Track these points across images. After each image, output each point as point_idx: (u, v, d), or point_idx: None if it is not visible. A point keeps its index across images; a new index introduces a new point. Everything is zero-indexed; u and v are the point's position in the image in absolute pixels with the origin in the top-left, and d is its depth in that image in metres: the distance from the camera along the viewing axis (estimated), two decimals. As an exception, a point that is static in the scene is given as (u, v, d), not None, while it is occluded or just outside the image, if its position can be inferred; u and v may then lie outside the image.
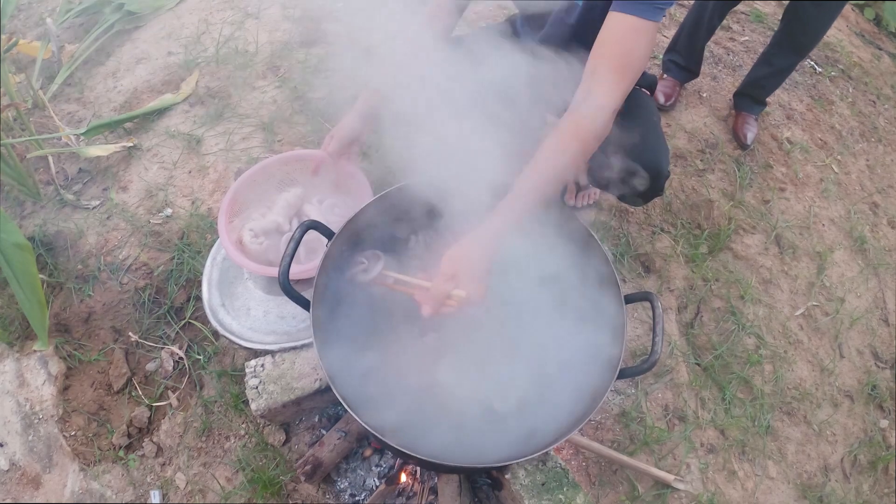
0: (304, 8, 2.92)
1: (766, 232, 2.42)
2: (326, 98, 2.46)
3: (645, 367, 1.22)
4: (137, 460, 1.71)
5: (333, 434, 1.62)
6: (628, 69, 1.21)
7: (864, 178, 2.78)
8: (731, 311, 2.17)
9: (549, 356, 1.37)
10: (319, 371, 1.61)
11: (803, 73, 3.12)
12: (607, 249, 2.18)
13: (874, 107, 3.14)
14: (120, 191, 2.21)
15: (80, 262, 2.03)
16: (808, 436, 2.01)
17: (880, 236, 2.58)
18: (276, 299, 1.74)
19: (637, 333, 2.04)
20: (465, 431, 1.30)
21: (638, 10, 1.19)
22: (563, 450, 1.78)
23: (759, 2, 3.42)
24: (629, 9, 1.19)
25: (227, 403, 1.79)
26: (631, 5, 1.19)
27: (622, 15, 1.20)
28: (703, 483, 1.81)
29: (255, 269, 1.53)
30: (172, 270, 2.00)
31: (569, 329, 1.36)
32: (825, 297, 2.32)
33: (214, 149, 2.32)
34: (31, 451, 1.69)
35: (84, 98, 2.56)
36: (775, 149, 2.71)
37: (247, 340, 1.67)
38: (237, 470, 1.69)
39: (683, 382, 1.99)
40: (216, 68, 2.62)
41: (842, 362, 2.19)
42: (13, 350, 1.85)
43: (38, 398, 1.77)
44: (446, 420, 1.31)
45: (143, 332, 1.91)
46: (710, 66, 3.00)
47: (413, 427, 1.26)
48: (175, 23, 2.85)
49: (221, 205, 1.62)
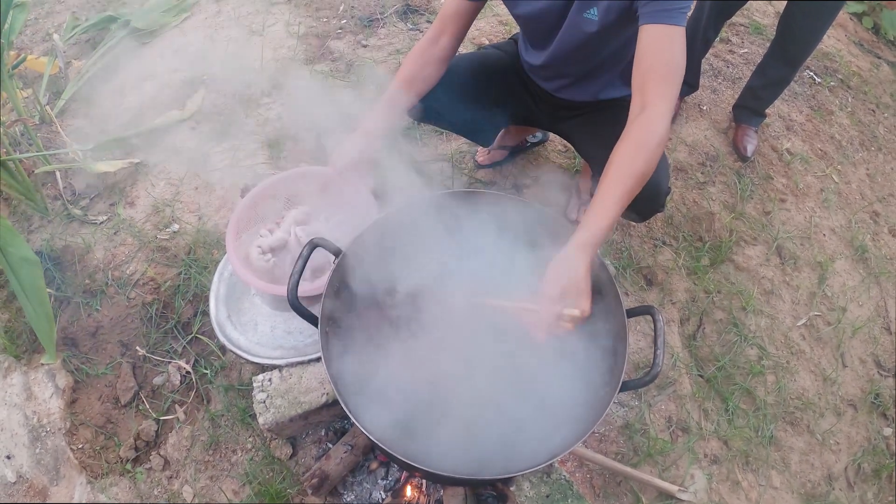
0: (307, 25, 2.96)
1: (768, 243, 2.44)
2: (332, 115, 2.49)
3: (647, 379, 1.23)
4: (145, 473, 1.73)
5: (340, 447, 1.63)
6: (673, 75, 1.28)
7: (865, 187, 2.80)
8: (734, 323, 2.18)
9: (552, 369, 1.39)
10: (326, 385, 1.62)
11: (802, 84, 3.14)
12: (609, 263, 2.20)
13: (874, 115, 3.16)
14: (127, 206, 2.24)
15: (88, 277, 2.05)
16: (812, 445, 2.01)
17: (881, 245, 2.59)
18: (283, 314, 1.76)
19: (640, 346, 2.05)
20: (471, 444, 1.31)
21: (666, 18, 1.26)
22: (568, 462, 1.79)
23: (756, 15, 3.45)
24: (658, 18, 1.27)
25: (235, 417, 1.80)
26: (658, 15, 1.27)
27: (653, 26, 1.27)
28: (707, 494, 1.82)
29: (263, 287, 1.54)
30: (179, 285, 2.02)
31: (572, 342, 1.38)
32: (827, 306, 2.33)
33: (220, 165, 2.34)
34: (38, 464, 1.71)
35: (91, 114, 2.58)
36: (775, 160, 2.73)
37: (254, 355, 1.69)
38: (244, 483, 1.70)
39: (686, 394, 2.00)
40: (221, 85, 2.65)
41: (844, 371, 2.20)
42: (21, 363, 1.86)
43: (45, 411, 1.78)
44: (452, 433, 1.32)
45: (150, 346, 1.93)
46: (710, 78, 3.03)
47: (419, 440, 1.27)
48: (181, 40, 2.88)
49: (229, 221, 1.64)
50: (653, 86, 1.26)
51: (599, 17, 1.42)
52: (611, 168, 1.23)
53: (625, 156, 1.23)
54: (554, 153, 2.56)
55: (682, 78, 1.31)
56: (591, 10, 1.42)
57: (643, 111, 1.26)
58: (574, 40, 1.51)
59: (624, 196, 1.22)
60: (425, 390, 1.38)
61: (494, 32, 3.00)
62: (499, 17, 3.08)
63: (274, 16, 3.01)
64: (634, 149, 1.23)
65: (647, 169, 1.23)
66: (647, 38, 1.28)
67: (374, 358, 1.40)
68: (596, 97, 1.76)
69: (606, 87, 1.73)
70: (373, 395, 1.33)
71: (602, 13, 1.41)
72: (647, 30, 1.28)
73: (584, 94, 1.76)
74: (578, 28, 1.47)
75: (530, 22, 1.61)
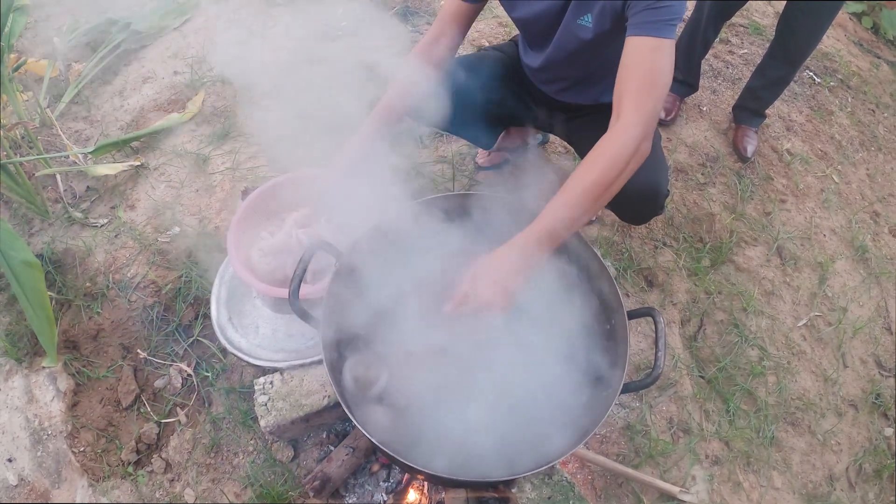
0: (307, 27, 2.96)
1: (768, 244, 2.44)
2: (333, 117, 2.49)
3: (648, 380, 1.24)
4: (146, 476, 1.73)
5: (342, 450, 1.64)
6: (652, 86, 1.25)
7: (865, 187, 2.80)
8: (734, 324, 2.19)
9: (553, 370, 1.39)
10: (328, 388, 1.62)
11: (802, 84, 3.14)
12: (610, 264, 2.20)
13: (873, 115, 3.16)
14: (128, 209, 2.24)
15: (89, 280, 2.05)
16: (813, 446, 2.01)
17: (882, 245, 2.60)
18: (285, 317, 1.76)
19: (641, 347, 2.05)
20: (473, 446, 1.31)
21: (652, 31, 1.24)
22: (569, 463, 1.79)
23: (756, 15, 3.45)
24: (643, 30, 1.25)
25: (236, 420, 1.80)
26: (644, 27, 1.25)
27: (639, 38, 1.25)
28: (708, 495, 1.82)
29: (264, 289, 1.55)
30: (181, 288, 2.02)
31: (573, 344, 1.38)
32: (828, 307, 2.33)
33: (221, 168, 2.35)
34: (39, 467, 1.71)
35: (91, 117, 2.59)
36: (776, 161, 2.73)
37: (255, 358, 1.69)
38: (246, 486, 1.71)
39: (688, 395, 2.00)
40: (222, 87, 2.65)
41: (845, 372, 2.20)
42: (22, 366, 1.86)
43: (46, 414, 1.79)
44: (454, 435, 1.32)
45: (151, 349, 1.93)
46: (710, 79, 3.03)
47: (421, 442, 1.27)
48: (181, 42, 2.89)
49: (230, 224, 1.64)
50: (629, 98, 1.25)
51: (594, 24, 1.42)
52: (570, 177, 1.23)
53: (583, 166, 1.22)
54: (555, 155, 2.56)
55: (665, 92, 1.28)
56: (585, 16, 1.42)
57: (615, 123, 1.25)
58: (569, 45, 1.51)
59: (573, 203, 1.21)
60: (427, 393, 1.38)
61: (494, 34, 3.00)
62: (499, 20, 3.08)
63: (274, 18, 3.01)
64: (593, 158, 1.22)
65: (603, 181, 1.21)
66: (630, 51, 1.27)
67: (376, 360, 1.40)
68: (597, 100, 1.76)
69: (608, 91, 1.72)
70: (374, 398, 1.34)
71: (596, 20, 1.41)
72: (631, 42, 1.27)
73: (584, 98, 1.76)
74: (573, 34, 1.47)
75: (527, 25, 1.61)
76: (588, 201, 1.21)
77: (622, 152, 1.21)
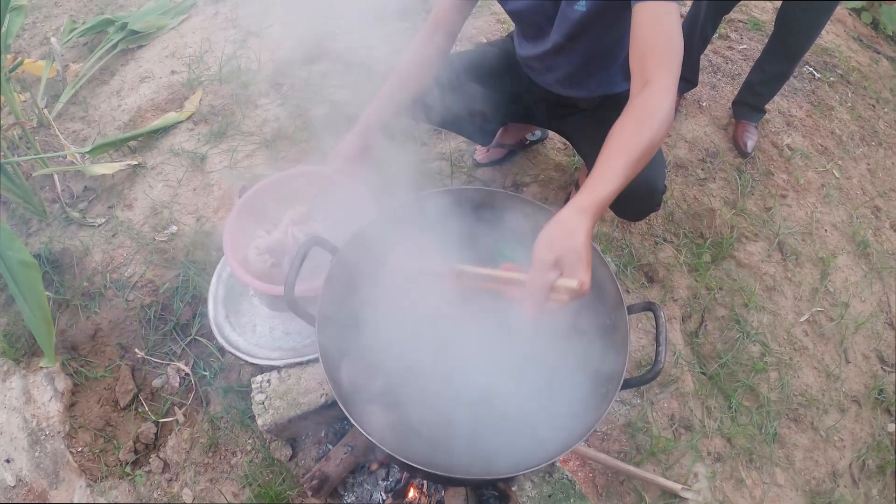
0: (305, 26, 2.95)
1: (769, 239, 2.43)
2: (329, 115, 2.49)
3: (649, 377, 1.22)
4: (144, 476, 1.72)
5: (340, 449, 1.62)
6: (672, 52, 1.19)
7: (866, 182, 2.79)
8: (736, 319, 2.17)
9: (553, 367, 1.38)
10: (325, 386, 1.61)
11: (802, 80, 3.13)
12: (610, 260, 2.19)
13: (873, 110, 3.15)
14: (125, 208, 2.23)
15: (86, 280, 2.04)
16: (816, 442, 2.00)
17: (883, 240, 2.58)
18: (282, 315, 1.75)
19: (641, 343, 2.04)
20: (472, 444, 1.30)
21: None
22: (570, 461, 1.78)
23: (755, 11, 3.44)
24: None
25: (234, 419, 1.79)
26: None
27: (647, 3, 1.20)
28: (710, 492, 1.81)
29: (261, 287, 1.54)
30: (178, 287, 2.01)
31: (573, 340, 1.37)
32: (829, 302, 2.32)
33: (219, 166, 2.34)
34: (37, 467, 1.70)
35: (88, 117, 2.58)
36: (776, 156, 2.72)
37: (253, 356, 1.68)
38: (244, 485, 1.70)
39: (689, 391, 1.98)
40: (219, 86, 2.65)
41: (848, 367, 2.19)
42: (20, 367, 1.86)
43: (44, 414, 1.78)
44: (453, 433, 1.31)
45: (149, 348, 1.92)
46: (709, 75, 3.02)
47: (419, 440, 1.26)
48: (178, 41, 2.88)
49: (227, 223, 1.63)
50: (653, 62, 1.17)
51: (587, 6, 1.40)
52: (611, 140, 1.12)
53: (626, 127, 1.12)
54: (553, 151, 2.55)
55: (682, 55, 1.21)
56: (580, 2, 1.41)
57: (645, 87, 1.16)
58: (565, 30, 1.50)
59: (627, 167, 1.08)
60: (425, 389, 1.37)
61: (492, 31, 3.00)
62: (496, 16, 3.07)
63: (271, 17, 3.00)
64: (637, 122, 1.12)
65: (650, 142, 1.11)
66: (642, 16, 1.21)
67: (373, 358, 1.39)
68: (594, 93, 1.75)
69: (604, 83, 1.72)
70: (372, 396, 1.32)
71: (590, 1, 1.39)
72: (641, 7, 1.21)
73: (581, 90, 1.75)
74: (569, 18, 1.46)
75: (522, 16, 1.60)
76: (639, 168, 1.11)
77: (663, 115, 1.12)
